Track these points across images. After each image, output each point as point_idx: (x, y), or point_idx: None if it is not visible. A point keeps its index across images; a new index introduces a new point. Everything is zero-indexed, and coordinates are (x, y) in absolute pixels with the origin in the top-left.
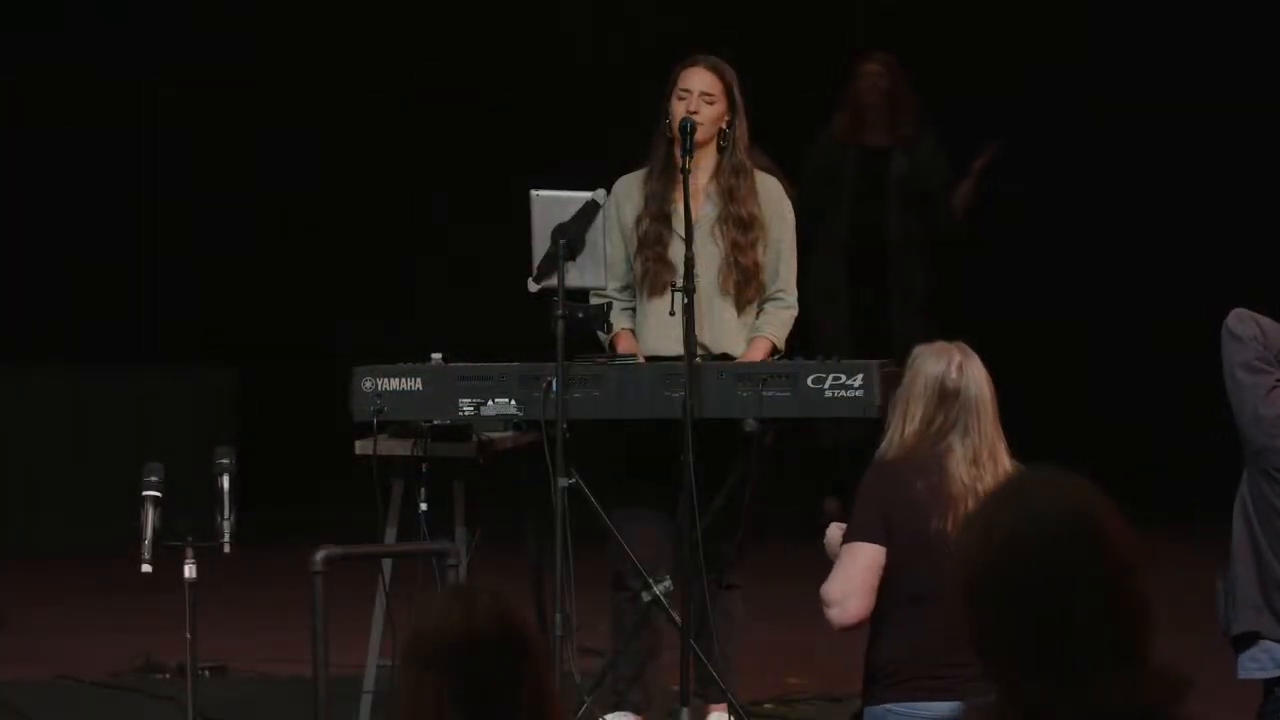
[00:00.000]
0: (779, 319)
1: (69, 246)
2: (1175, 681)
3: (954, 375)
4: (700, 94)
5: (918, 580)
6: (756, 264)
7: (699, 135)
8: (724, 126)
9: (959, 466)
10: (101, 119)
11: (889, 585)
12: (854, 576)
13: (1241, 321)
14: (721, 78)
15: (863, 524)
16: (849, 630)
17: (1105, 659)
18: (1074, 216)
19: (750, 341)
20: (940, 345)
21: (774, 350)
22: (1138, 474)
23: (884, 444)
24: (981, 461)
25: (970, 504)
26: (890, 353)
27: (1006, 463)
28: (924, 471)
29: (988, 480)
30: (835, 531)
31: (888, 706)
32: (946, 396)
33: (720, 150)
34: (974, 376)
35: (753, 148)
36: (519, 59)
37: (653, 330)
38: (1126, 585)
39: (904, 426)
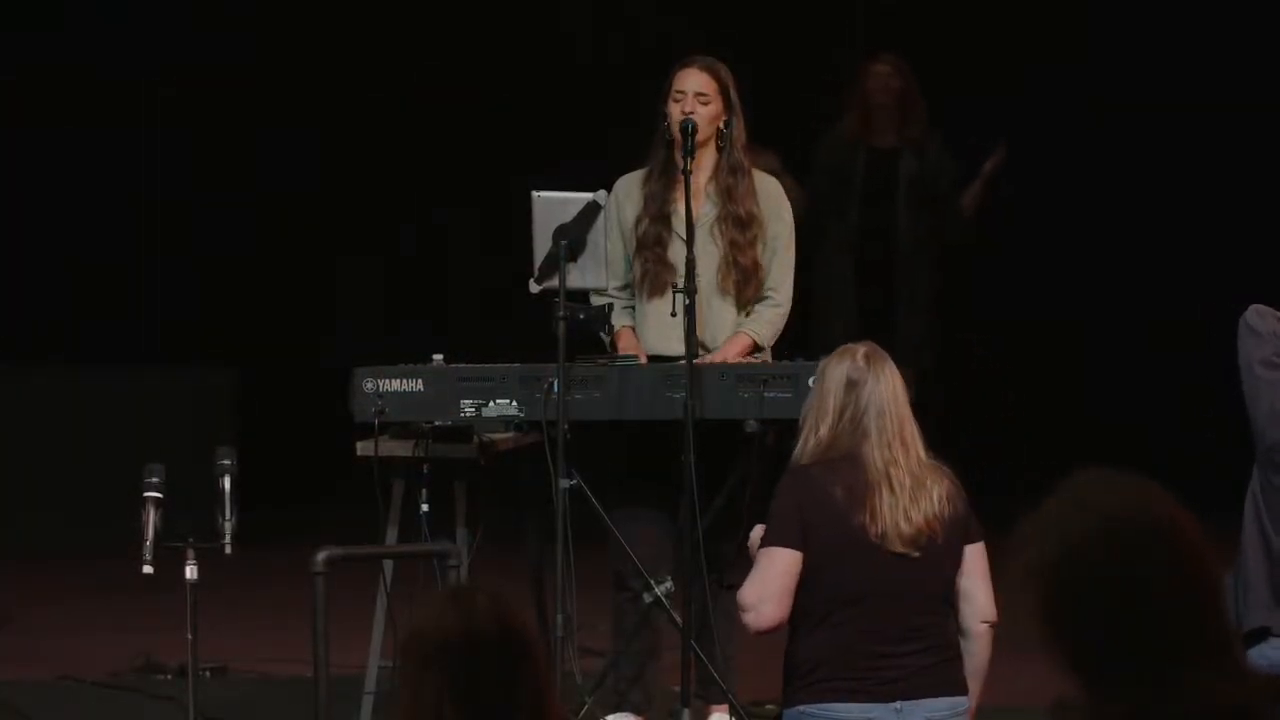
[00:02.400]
0: (764, 317)
1: (69, 246)
2: (1271, 678)
3: (860, 364)
4: (695, 94)
5: (837, 582)
6: (756, 263)
7: (697, 136)
8: (721, 126)
9: (873, 452)
10: (102, 119)
11: (807, 587)
12: (770, 581)
13: (1261, 317)
14: (716, 78)
15: (779, 529)
16: (764, 634)
17: (1200, 657)
18: (1072, 216)
19: (730, 338)
20: (844, 347)
21: (754, 348)
22: (1134, 474)
23: (798, 449)
24: (894, 446)
25: (884, 489)
26: (896, 354)
27: (920, 449)
28: (840, 473)
29: (901, 463)
30: (760, 533)
31: (801, 708)
32: (854, 385)
33: (719, 150)
34: (879, 368)
35: (764, 150)
36: (519, 59)
37: (653, 330)
38: (1209, 582)
39: (819, 427)
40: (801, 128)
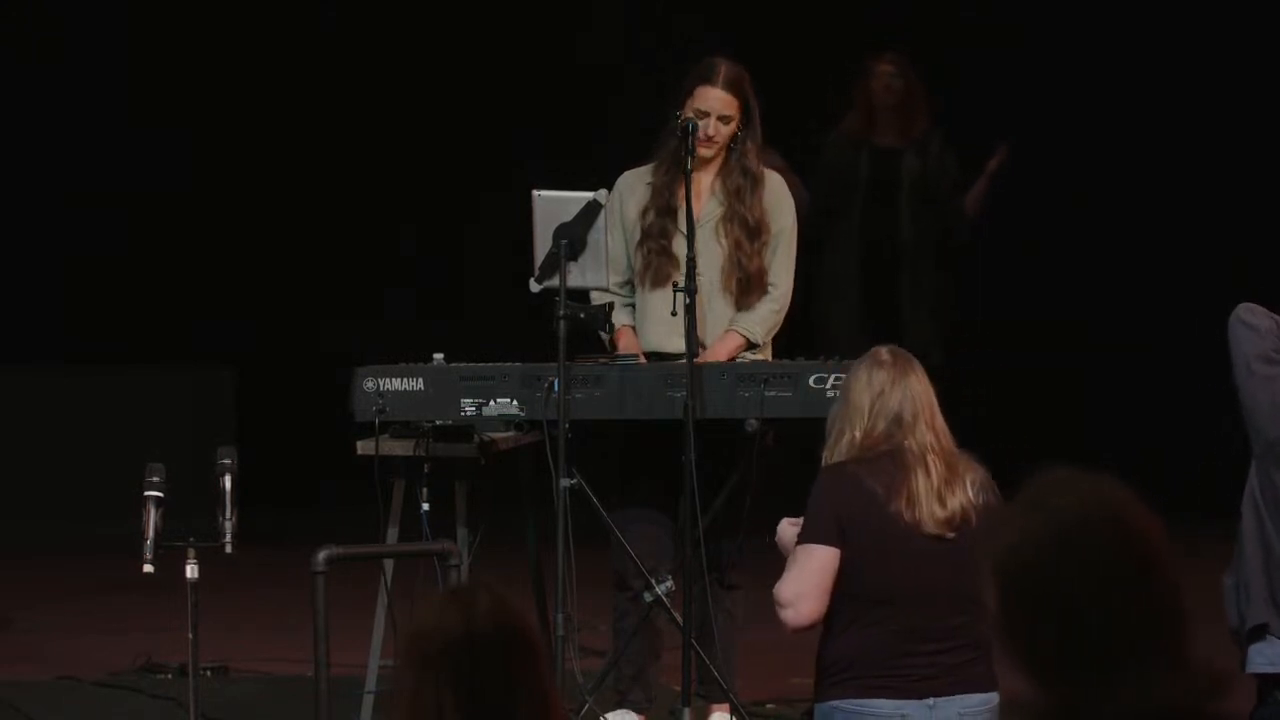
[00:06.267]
0: (758, 314)
1: (68, 246)
2: (1216, 677)
3: (886, 358)
4: (718, 117)
5: (875, 580)
6: (761, 270)
7: (711, 153)
8: (736, 131)
9: (909, 439)
10: (104, 118)
11: (843, 584)
12: (808, 578)
13: (1254, 313)
14: (738, 94)
15: (817, 526)
16: (801, 632)
17: (1144, 656)
18: (1073, 216)
19: (721, 337)
20: (870, 351)
21: (747, 345)
22: (1136, 473)
23: (830, 449)
24: (928, 432)
25: (920, 472)
26: None
27: (950, 440)
28: (877, 469)
29: (935, 449)
30: (789, 528)
31: (835, 703)
32: (884, 383)
33: (728, 150)
34: (906, 365)
35: (768, 149)
36: (519, 59)
37: (653, 325)
38: (1160, 581)
39: (853, 427)
40: (800, 128)
